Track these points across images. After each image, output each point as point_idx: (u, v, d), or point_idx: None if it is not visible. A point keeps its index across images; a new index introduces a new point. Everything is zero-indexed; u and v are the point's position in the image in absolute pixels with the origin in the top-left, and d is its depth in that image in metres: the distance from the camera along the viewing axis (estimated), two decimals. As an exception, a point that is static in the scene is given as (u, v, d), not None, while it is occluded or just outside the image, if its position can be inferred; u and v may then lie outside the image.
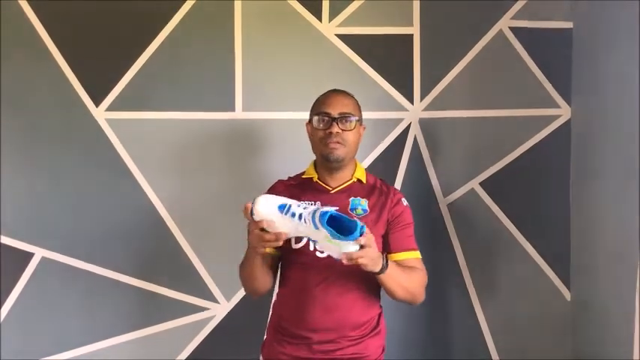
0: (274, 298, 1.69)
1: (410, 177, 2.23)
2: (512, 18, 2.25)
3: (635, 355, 1.91)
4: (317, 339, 1.53)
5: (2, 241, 2.10)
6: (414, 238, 1.63)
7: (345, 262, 1.35)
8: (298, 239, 1.55)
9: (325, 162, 1.60)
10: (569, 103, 2.26)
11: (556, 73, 2.26)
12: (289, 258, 1.60)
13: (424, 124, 2.24)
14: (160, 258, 2.17)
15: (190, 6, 2.15)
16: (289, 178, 1.70)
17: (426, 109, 2.24)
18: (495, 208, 2.26)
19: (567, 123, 2.27)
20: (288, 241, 1.52)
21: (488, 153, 2.26)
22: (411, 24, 2.23)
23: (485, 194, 2.26)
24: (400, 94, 2.23)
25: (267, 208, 1.35)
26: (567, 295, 2.28)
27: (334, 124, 1.56)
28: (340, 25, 2.21)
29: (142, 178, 2.15)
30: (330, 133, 1.56)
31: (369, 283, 1.56)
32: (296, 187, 1.63)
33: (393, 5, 2.22)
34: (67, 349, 2.13)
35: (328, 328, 1.53)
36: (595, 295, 2.14)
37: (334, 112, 1.57)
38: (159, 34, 2.14)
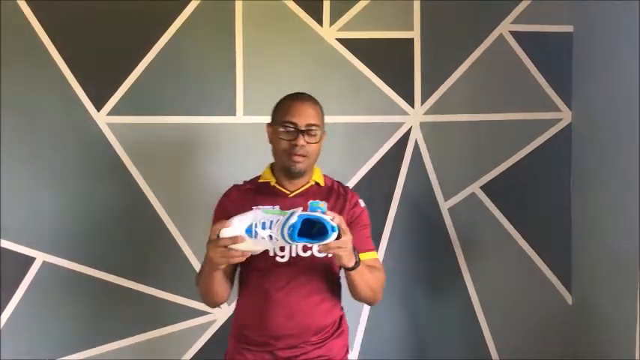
0: (234, 307, 1.63)
1: (411, 181, 2.24)
2: (513, 22, 2.25)
3: (637, 357, 1.91)
4: (280, 345, 1.49)
5: (3, 246, 2.10)
6: (371, 239, 1.60)
7: (323, 251, 1.35)
8: None
9: (286, 173, 1.55)
10: (569, 106, 2.27)
11: (557, 77, 2.26)
12: (248, 264, 1.51)
13: (425, 127, 2.24)
14: (162, 262, 2.17)
15: (191, 11, 2.15)
16: (245, 182, 1.65)
17: (427, 112, 2.24)
18: (496, 212, 2.26)
19: (568, 126, 2.27)
20: None
21: (489, 157, 2.26)
22: (411, 28, 2.23)
23: (486, 198, 2.26)
24: (401, 98, 2.23)
25: (236, 232, 1.31)
26: (569, 298, 2.28)
27: (300, 136, 1.49)
28: (341, 29, 2.21)
29: (144, 182, 2.15)
30: (296, 145, 1.49)
31: (331, 286, 1.55)
32: (252, 192, 1.57)
33: (393, 9, 2.22)
34: (68, 353, 2.13)
35: (291, 334, 1.49)
36: (596, 299, 2.14)
37: (301, 124, 1.50)
38: (160, 39, 2.14)
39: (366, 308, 2.23)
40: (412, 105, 2.24)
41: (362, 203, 1.61)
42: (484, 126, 2.25)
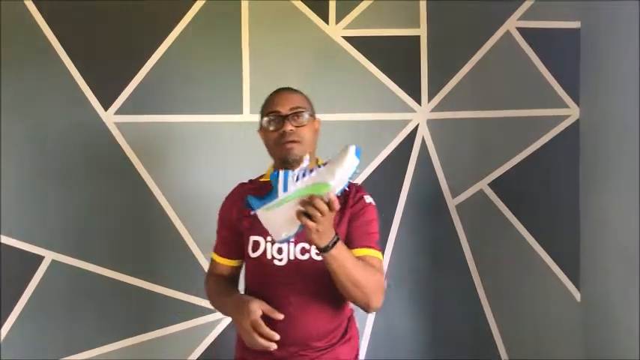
0: None
1: (418, 178, 2.23)
2: (520, 18, 2.25)
3: (647, 356, 1.90)
4: (280, 354, 1.42)
5: (12, 245, 2.11)
6: (377, 239, 1.50)
7: (298, 209, 1.23)
8: (255, 247, 1.48)
9: (284, 164, 1.47)
10: (577, 103, 2.26)
11: (564, 73, 2.25)
12: (248, 267, 1.53)
13: (432, 125, 2.24)
14: (170, 261, 2.17)
15: (197, 10, 2.16)
16: (250, 180, 1.63)
17: (434, 110, 2.24)
18: (504, 209, 2.25)
19: (576, 123, 2.26)
20: (246, 247, 1.50)
21: (497, 154, 2.26)
22: (417, 25, 2.23)
23: (494, 195, 2.25)
24: (408, 96, 2.23)
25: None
26: (577, 295, 2.27)
27: (286, 122, 1.46)
28: (347, 27, 2.21)
29: (151, 181, 2.16)
30: (284, 132, 1.45)
31: (335, 290, 1.41)
32: (253, 192, 1.47)
33: (399, 7, 2.22)
34: (77, 351, 2.14)
35: (292, 342, 1.43)
36: (605, 296, 2.13)
37: (284, 110, 1.48)
38: (167, 38, 2.15)
39: (374, 306, 2.23)
40: (419, 102, 2.23)
41: (368, 199, 1.53)
42: (491, 123, 2.24)
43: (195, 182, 2.18)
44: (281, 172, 1.25)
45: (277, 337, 1.35)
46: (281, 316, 1.38)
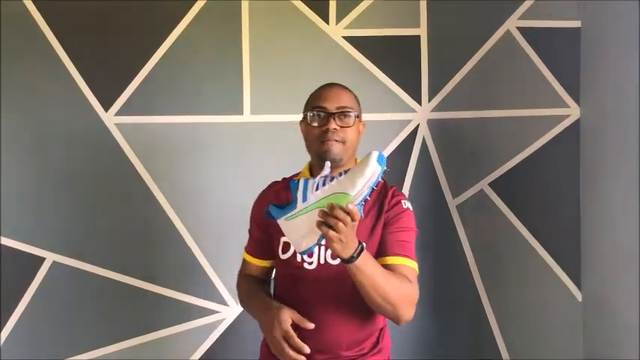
0: None
1: (419, 178, 2.23)
2: (520, 18, 2.24)
3: (648, 355, 1.90)
4: None
5: (14, 246, 2.11)
6: (413, 248, 1.46)
7: (319, 218, 1.17)
8: (285, 249, 1.45)
9: (321, 161, 1.40)
10: (577, 102, 2.26)
11: (564, 73, 2.25)
12: (279, 269, 1.51)
13: (432, 125, 2.24)
14: (171, 261, 2.17)
15: (197, 11, 2.16)
16: (283, 179, 1.59)
17: (434, 110, 2.23)
18: (505, 209, 2.25)
19: (576, 122, 2.26)
20: (276, 249, 1.47)
21: (497, 153, 2.25)
22: (417, 25, 2.23)
23: (495, 195, 2.25)
24: (408, 96, 2.23)
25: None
26: (578, 295, 2.27)
27: (331, 119, 1.40)
28: (347, 27, 2.21)
29: (152, 182, 2.16)
30: (327, 129, 1.40)
31: None
32: (284, 191, 1.48)
33: (399, 6, 2.22)
34: (79, 352, 2.14)
35: (319, 349, 1.37)
36: (606, 296, 2.13)
37: (331, 107, 1.42)
38: (167, 39, 2.15)
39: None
40: (419, 102, 2.23)
41: (405, 204, 1.46)
42: (492, 123, 2.24)
43: (196, 183, 2.18)
44: (301, 181, 1.25)
45: (307, 350, 1.32)
46: (311, 326, 1.34)
